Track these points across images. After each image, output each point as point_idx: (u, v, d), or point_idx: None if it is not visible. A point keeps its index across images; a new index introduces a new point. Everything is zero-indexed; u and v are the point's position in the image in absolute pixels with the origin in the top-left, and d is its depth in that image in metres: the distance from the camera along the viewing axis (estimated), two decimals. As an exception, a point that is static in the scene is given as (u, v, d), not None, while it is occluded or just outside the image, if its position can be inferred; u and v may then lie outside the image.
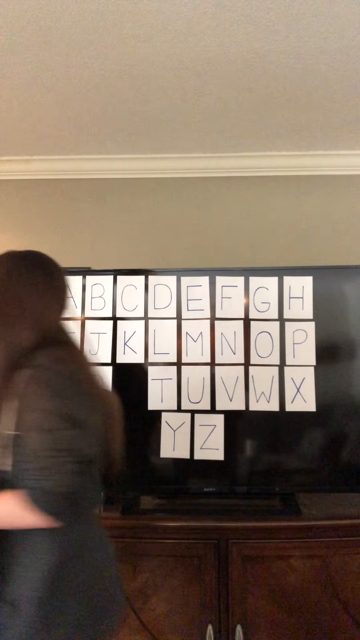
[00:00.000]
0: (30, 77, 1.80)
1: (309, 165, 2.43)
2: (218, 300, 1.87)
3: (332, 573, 1.66)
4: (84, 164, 2.46)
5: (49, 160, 2.45)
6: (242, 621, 1.64)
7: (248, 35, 1.58)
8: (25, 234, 2.44)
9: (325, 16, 1.50)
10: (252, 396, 1.83)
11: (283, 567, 1.66)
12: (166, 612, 1.66)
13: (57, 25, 1.54)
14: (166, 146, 2.33)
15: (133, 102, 1.96)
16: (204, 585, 1.65)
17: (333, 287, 1.90)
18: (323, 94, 1.91)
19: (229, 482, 1.86)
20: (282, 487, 1.86)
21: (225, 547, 1.66)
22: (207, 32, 1.57)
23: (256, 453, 1.88)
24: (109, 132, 2.21)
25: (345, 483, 1.84)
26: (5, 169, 2.47)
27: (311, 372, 1.84)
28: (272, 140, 2.28)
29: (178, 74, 1.78)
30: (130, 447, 1.89)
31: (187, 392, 1.85)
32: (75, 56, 1.69)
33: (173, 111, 2.02)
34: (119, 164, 2.45)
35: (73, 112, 2.03)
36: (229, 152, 2.39)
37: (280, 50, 1.66)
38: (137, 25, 1.53)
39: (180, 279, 1.89)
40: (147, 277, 1.90)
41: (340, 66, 1.74)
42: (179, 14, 1.49)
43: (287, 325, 1.86)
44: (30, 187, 2.49)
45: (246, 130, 2.19)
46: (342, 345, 1.87)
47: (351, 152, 2.39)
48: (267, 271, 1.90)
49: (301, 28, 1.55)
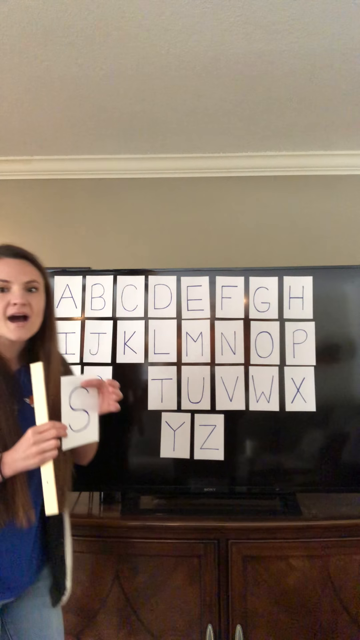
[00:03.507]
0: (30, 77, 1.80)
1: (309, 165, 2.43)
2: (218, 300, 1.87)
3: (332, 573, 1.66)
4: (84, 164, 2.46)
5: (49, 160, 2.45)
6: (242, 621, 1.64)
7: (248, 35, 1.58)
8: (25, 234, 2.44)
9: (326, 16, 1.50)
10: (252, 396, 1.83)
11: (283, 567, 1.66)
12: (166, 612, 1.66)
13: (57, 25, 1.54)
14: (166, 146, 2.33)
15: (133, 102, 1.96)
16: (204, 585, 1.65)
17: (333, 287, 1.90)
18: (323, 94, 1.91)
19: (229, 482, 1.86)
20: (282, 487, 1.86)
21: (225, 547, 1.66)
22: (207, 32, 1.57)
23: (256, 453, 1.88)
24: (108, 132, 2.21)
25: (345, 483, 1.84)
26: (5, 169, 2.47)
27: (311, 372, 1.84)
28: (272, 140, 2.28)
29: (178, 74, 1.78)
30: (130, 447, 1.90)
31: (187, 392, 1.84)
32: (75, 56, 1.69)
33: (173, 111, 2.03)
34: (119, 164, 2.46)
35: (73, 112, 2.03)
36: (229, 152, 2.39)
37: (280, 50, 1.66)
38: (137, 25, 1.54)
39: (180, 279, 1.89)
40: (147, 277, 1.90)
41: (341, 66, 1.74)
42: (179, 14, 1.49)
43: (287, 325, 1.86)
44: (30, 187, 2.49)
45: (246, 130, 2.19)
46: (342, 345, 1.87)
47: (351, 152, 2.39)
48: (267, 271, 1.90)
49: (301, 28, 1.55)
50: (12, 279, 1.20)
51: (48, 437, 1.09)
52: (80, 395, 1.23)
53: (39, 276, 1.25)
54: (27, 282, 1.21)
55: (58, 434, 1.11)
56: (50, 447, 1.09)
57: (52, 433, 1.09)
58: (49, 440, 1.09)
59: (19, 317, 1.18)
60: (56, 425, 1.12)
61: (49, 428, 1.10)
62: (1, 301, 1.19)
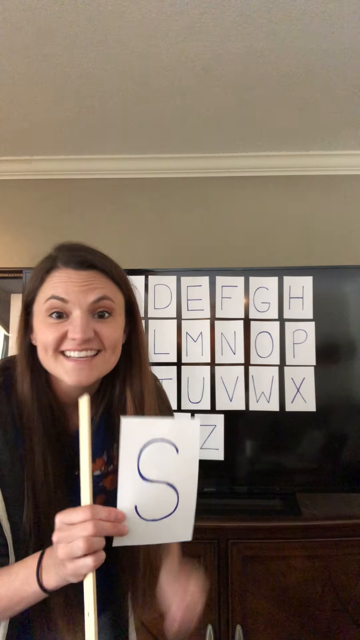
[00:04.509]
0: (30, 77, 1.80)
1: (309, 165, 2.43)
2: (218, 300, 1.87)
3: (332, 573, 1.66)
4: (84, 164, 2.46)
5: (49, 160, 2.45)
6: (242, 621, 1.64)
7: (248, 35, 1.58)
8: (26, 234, 2.45)
9: (326, 16, 1.50)
10: (252, 396, 1.83)
11: (283, 567, 1.66)
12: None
13: (57, 25, 1.54)
14: (166, 146, 2.33)
15: (133, 102, 1.96)
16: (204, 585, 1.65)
17: (333, 287, 1.90)
18: (323, 94, 1.91)
19: (229, 482, 1.86)
20: (283, 487, 1.86)
21: (225, 547, 1.66)
22: (207, 32, 1.57)
23: (256, 453, 1.88)
24: (109, 132, 2.21)
25: (345, 483, 1.84)
26: (5, 169, 2.47)
27: (311, 372, 1.84)
28: (272, 140, 2.28)
29: (178, 74, 1.78)
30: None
31: (187, 392, 1.85)
32: (75, 56, 1.69)
33: (173, 111, 2.02)
34: (119, 164, 2.45)
35: (73, 112, 2.03)
36: (229, 152, 2.39)
37: (280, 50, 1.66)
38: (137, 25, 1.53)
39: (180, 279, 1.89)
40: (147, 277, 1.90)
41: (341, 66, 1.74)
42: (179, 14, 1.49)
43: (287, 325, 1.86)
44: (30, 187, 2.49)
45: (246, 130, 2.19)
46: (342, 345, 1.87)
47: (351, 152, 2.39)
48: (267, 271, 1.90)
49: (301, 28, 1.55)
50: (73, 299, 0.80)
51: (78, 536, 0.66)
52: (162, 453, 0.71)
53: (116, 292, 0.86)
54: (96, 303, 0.82)
55: (99, 531, 0.67)
56: (83, 554, 0.66)
57: (87, 530, 0.66)
58: (81, 543, 0.66)
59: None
60: (99, 513, 0.68)
61: (84, 520, 0.67)
62: (54, 331, 0.80)
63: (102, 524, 0.68)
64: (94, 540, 0.67)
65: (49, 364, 0.82)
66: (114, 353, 0.84)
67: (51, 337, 0.80)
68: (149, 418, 0.83)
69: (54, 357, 0.81)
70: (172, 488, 0.73)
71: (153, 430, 0.71)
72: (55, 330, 0.80)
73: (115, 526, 0.69)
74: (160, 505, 0.72)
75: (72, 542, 0.66)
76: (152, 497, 0.71)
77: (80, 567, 0.67)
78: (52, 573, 0.71)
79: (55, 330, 0.80)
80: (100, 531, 0.67)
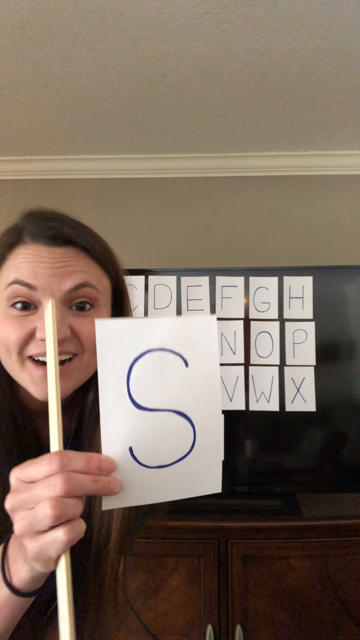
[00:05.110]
0: (30, 77, 1.80)
1: (309, 165, 2.43)
2: (218, 300, 1.87)
3: (332, 573, 1.66)
4: (84, 164, 2.46)
5: (49, 160, 2.45)
6: (242, 621, 1.64)
7: (248, 35, 1.58)
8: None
9: (325, 16, 1.50)
10: (252, 396, 1.83)
11: (283, 567, 1.66)
12: (166, 612, 1.66)
13: (57, 25, 1.54)
14: (166, 146, 2.33)
15: (133, 102, 1.96)
16: (204, 585, 1.65)
17: (333, 287, 1.90)
18: (322, 94, 1.91)
19: (229, 482, 1.86)
20: (282, 487, 1.86)
21: (225, 547, 1.66)
22: (207, 32, 1.57)
23: (256, 453, 1.88)
24: (109, 132, 2.21)
25: (345, 483, 1.84)
26: (5, 169, 2.47)
27: (311, 372, 1.84)
28: (272, 140, 2.28)
29: (178, 74, 1.78)
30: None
31: (187, 392, 1.85)
32: (75, 56, 1.69)
33: (173, 111, 2.02)
34: (119, 164, 2.45)
35: (73, 112, 2.03)
36: (229, 152, 2.39)
37: (280, 50, 1.66)
38: (138, 25, 1.53)
39: (180, 279, 1.89)
40: (147, 277, 1.90)
41: (340, 66, 1.74)
42: (179, 14, 1.49)
43: (287, 325, 1.86)
44: (30, 187, 2.49)
45: (246, 130, 2.19)
46: (342, 345, 1.87)
47: (351, 152, 2.39)
48: (267, 271, 1.90)
49: (301, 28, 1.55)
50: (43, 284, 0.61)
51: (42, 497, 0.44)
52: (163, 369, 0.50)
53: (101, 276, 0.68)
54: (73, 291, 0.63)
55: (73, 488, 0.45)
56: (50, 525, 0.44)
57: (56, 487, 0.44)
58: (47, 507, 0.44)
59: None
60: (73, 461, 0.46)
61: (49, 473, 0.45)
62: (18, 328, 0.61)
63: (79, 477, 0.45)
64: (67, 502, 0.44)
65: (13, 369, 0.63)
66: (94, 355, 0.53)
67: (14, 335, 0.60)
68: (139, 318, 0.51)
69: (18, 362, 0.61)
70: (184, 417, 0.50)
71: (147, 336, 0.48)
72: (19, 326, 0.60)
73: (97, 480, 0.46)
74: (169, 444, 0.50)
75: (34, 508, 0.44)
76: (155, 433, 0.49)
77: (47, 546, 0.44)
78: (20, 564, 0.49)
79: (19, 326, 0.60)
80: (76, 488, 0.45)
